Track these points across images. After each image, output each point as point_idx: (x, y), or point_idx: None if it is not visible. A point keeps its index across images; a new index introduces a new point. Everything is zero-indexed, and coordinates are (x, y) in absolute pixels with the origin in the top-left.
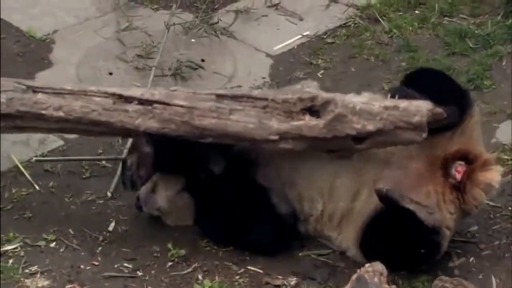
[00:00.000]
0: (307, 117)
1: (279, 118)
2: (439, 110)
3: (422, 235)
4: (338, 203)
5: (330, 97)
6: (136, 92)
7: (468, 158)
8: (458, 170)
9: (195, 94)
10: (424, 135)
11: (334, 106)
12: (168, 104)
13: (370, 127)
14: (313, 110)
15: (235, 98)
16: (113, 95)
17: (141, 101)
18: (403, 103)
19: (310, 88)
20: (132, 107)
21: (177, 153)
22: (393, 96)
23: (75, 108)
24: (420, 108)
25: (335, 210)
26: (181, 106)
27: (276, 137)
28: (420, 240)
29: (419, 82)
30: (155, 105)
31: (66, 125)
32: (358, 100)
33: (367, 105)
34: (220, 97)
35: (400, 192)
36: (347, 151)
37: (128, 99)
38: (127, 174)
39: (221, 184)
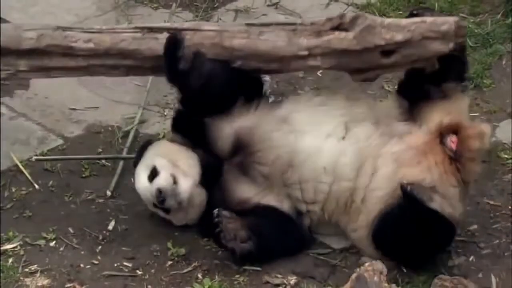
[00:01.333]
0: (337, 32)
1: (309, 37)
2: (463, 23)
3: (442, 230)
4: (343, 181)
5: (359, 13)
6: (165, 24)
7: (459, 131)
8: (453, 141)
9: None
10: (451, 45)
11: (363, 19)
12: (198, 30)
13: (399, 37)
14: (341, 29)
15: (264, 25)
16: (142, 28)
17: (170, 30)
18: (429, 18)
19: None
20: (161, 35)
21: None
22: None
23: (105, 39)
24: (447, 19)
25: (341, 191)
26: (211, 30)
27: (305, 53)
28: (439, 234)
29: None
30: (186, 31)
31: (94, 61)
32: (387, 18)
33: (395, 20)
34: (249, 24)
35: (422, 189)
36: (374, 70)
37: (158, 30)
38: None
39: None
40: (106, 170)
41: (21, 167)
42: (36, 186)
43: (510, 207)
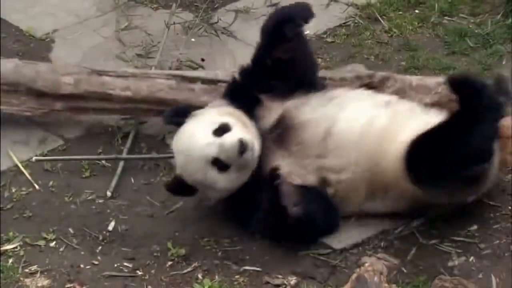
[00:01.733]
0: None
1: None
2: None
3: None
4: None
5: (388, 74)
6: (199, 73)
7: None
8: None
9: None
10: None
11: (393, 81)
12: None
13: (427, 99)
14: (370, 87)
15: None
16: (175, 76)
17: (205, 81)
18: None
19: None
20: (197, 86)
21: None
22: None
23: (142, 87)
24: None
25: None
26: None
27: None
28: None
29: None
30: (220, 84)
31: (129, 105)
32: (413, 77)
33: (422, 80)
34: None
35: None
36: None
37: (192, 80)
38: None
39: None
40: (106, 170)
41: (21, 167)
42: (36, 187)
43: (510, 207)
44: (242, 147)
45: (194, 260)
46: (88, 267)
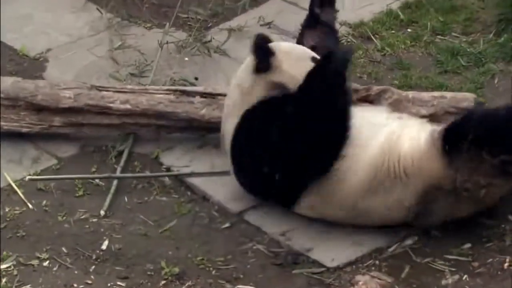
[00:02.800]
0: (365, 104)
1: None
2: (482, 100)
3: None
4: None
5: (385, 87)
6: (197, 88)
7: None
8: None
9: None
10: None
11: (391, 93)
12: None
13: (424, 111)
14: (368, 101)
15: None
16: (175, 91)
17: (204, 95)
18: (448, 94)
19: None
20: (196, 99)
21: None
22: None
23: (141, 101)
24: (466, 96)
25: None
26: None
27: None
28: None
29: None
30: (218, 97)
31: (128, 120)
32: (409, 92)
33: (418, 94)
34: None
35: None
36: None
37: (190, 94)
38: None
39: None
40: (100, 189)
41: (14, 186)
42: (30, 206)
43: (503, 225)
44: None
45: (188, 279)
46: (81, 286)
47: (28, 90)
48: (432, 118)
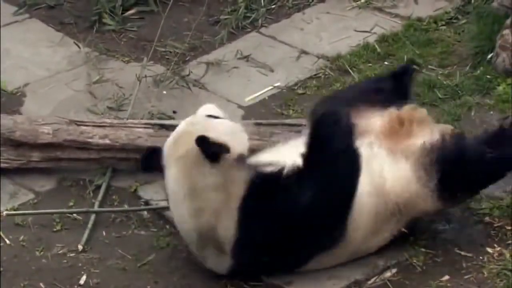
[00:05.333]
0: None
1: None
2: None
3: None
4: None
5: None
6: (175, 121)
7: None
8: None
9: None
10: None
11: None
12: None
13: None
14: None
15: (271, 124)
16: (154, 125)
17: None
18: None
19: None
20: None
21: None
22: None
23: (120, 136)
24: (445, 129)
25: None
26: None
27: None
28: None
29: None
30: None
31: (107, 154)
32: None
33: None
34: (258, 124)
35: None
36: None
37: (169, 128)
38: None
39: None
40: (78, 223)
41: None
42: (7, 241)
43: (481, 257)
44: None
45: None
46: None
47: (6, 127)
48: None
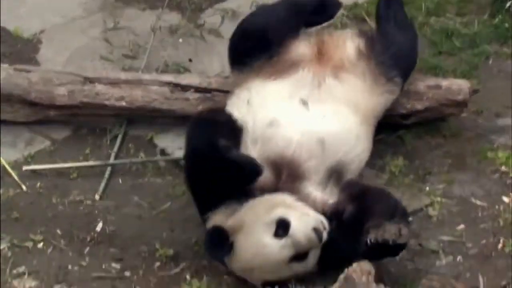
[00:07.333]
0: None
1: None
2: (477, 87)
3: None
4: None
5: None
6: (192, 79)
7: None
8: None
9: None
10: (464, 109)
11: None
12: (226, 92)
13: (419, 106)
14: None
15: None
16: (168, 83)
17: (199, 89)
18: (443, 82)
19: None
20: (192, 95)
21: None
22: None
23: (137, 98)
24: (462, 86)
25: None
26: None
27: None
28: None
29: None
30: (214, 92)
31: (124, 112)
32: None
33: (414, 86)
34: None
35: None
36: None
37: (185, 88)
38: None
39: None
40: (94, 171)
41: (8, 169)
42: (24, 188)
43: (497, 207)
44: (319, 233)
45: (182, 261)
46: (76, 268)
47: (21, 87)
48: (427, 112)
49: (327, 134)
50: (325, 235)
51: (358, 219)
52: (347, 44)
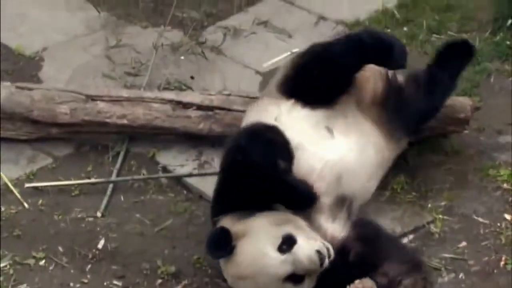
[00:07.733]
0: None
1: None
2: (479, 105)
3: None
4: None
5: None
6: (194, 97)
7: None
8: None
9: (251, 99)
10: (466, 127)
11: None
12: (228, 110)
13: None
14: None
15: None
16: (170, 101)
17: (200, 107)
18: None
19: None
20: (193, 113)
21: None
22: None
23: (138, 116)
24: (464, 104)
25: None
26: (241, 111)
27: None
28: None
29: None
30: (216, 110)
31: (126, 130)
32: None
33: None
34: None
35: None
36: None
37: (187, 105)
38: None
39: None
40: (96, 188)
41: (10, 186)
42: (26, 205)
43: (499, 224)
44: (322, 257)
45: (184, 278)
46: (77, 285)
47: (23, 105)
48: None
49: (346, 169)
50: (327, 262)
51: (365, 260)
52: (371, 80)
